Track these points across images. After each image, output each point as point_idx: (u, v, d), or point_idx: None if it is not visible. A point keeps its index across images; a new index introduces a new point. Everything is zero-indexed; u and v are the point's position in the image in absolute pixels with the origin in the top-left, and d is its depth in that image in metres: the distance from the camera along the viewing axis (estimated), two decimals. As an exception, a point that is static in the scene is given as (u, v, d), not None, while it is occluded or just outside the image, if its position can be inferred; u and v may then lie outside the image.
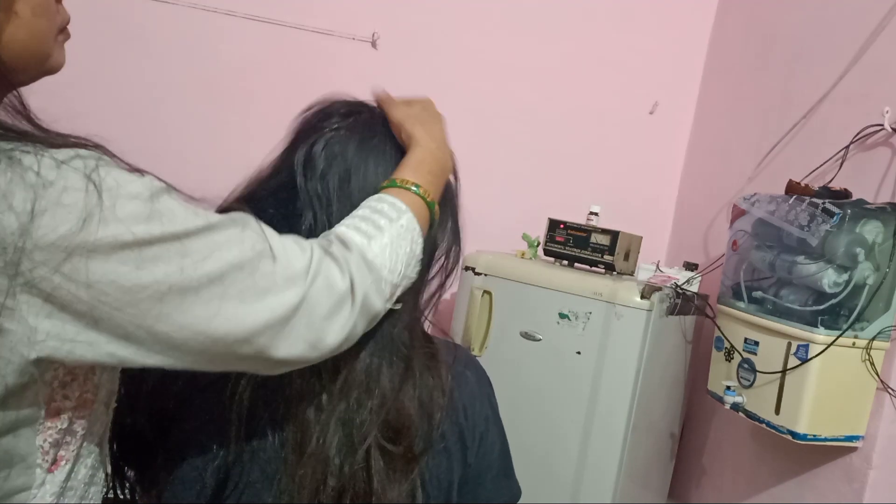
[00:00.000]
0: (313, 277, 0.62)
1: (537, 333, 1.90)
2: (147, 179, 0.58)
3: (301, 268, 0.62)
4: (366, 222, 0.70)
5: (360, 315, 0.66)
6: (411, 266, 0.73)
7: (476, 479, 0.81)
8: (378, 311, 0.69)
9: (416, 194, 0.74)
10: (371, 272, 0.67)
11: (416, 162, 0.77)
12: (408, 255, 0.72)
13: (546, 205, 2.31)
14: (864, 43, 1.72)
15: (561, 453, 1.84)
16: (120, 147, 0.58)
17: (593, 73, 2.44)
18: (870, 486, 1.52)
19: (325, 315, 0.63)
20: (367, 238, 0.69)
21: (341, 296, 0.64)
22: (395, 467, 0.72)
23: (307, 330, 0.62)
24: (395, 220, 0.71)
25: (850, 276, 1.48)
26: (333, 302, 0.63)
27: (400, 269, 0.70)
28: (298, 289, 0.61)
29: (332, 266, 0.64)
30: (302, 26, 2.21)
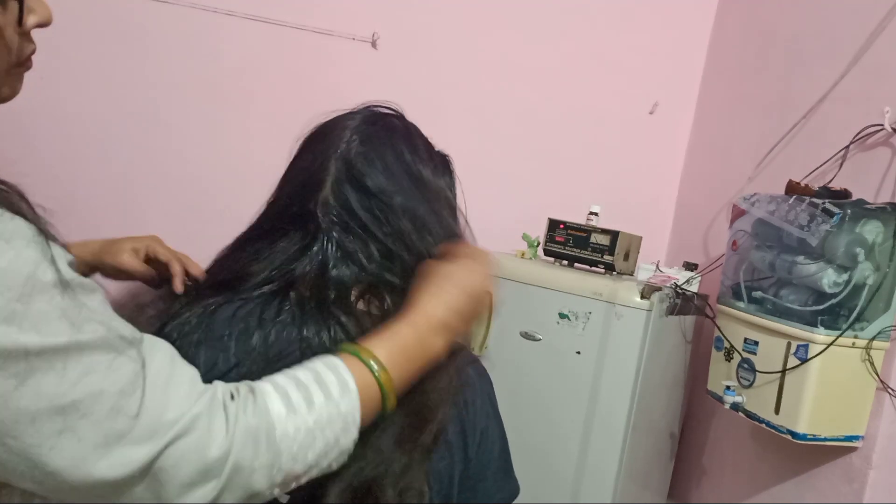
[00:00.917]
0: (178, 436, 0.52)
1: (537, 333, 1.90)
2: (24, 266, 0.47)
3: (170, 419, 0.52)
4: (299, 390, 0.59)
5: (229, 490, 0.55)
6: (329, 457, 0.61)
7: (476, 474, 0.81)
8: (253, 494, 0.57)
9: (374, 379, 0.63)
10: (266, 452, 0.56)
11: (400, 341, 0.66)
12: (328, 445, 0.60)
13: (546, 205, 2.31)
14: (864, 43, 1.72)
15: (561, 453, 1.84)
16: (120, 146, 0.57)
17: (593, 73, 2.44)
18: (870, 486, 1.52)
19: (182, 482, 0.52)
20: (288, 410, 0.58)
21: (208, 465, 0.53)
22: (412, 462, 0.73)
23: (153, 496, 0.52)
24: (335, 400, 0.60)
25: (850, 276, 1.48)
26: (196, 469, 0.53)
27: (309, 459, 0.59)
28: (154, 446, 0.51)
29: (216, 423, 0.54)
30: (302, 26, 2.21)
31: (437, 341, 0.69)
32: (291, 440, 0.57)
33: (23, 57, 0.64)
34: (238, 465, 0.55)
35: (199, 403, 0.54)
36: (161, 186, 2.16)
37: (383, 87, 2.27)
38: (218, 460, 0.54)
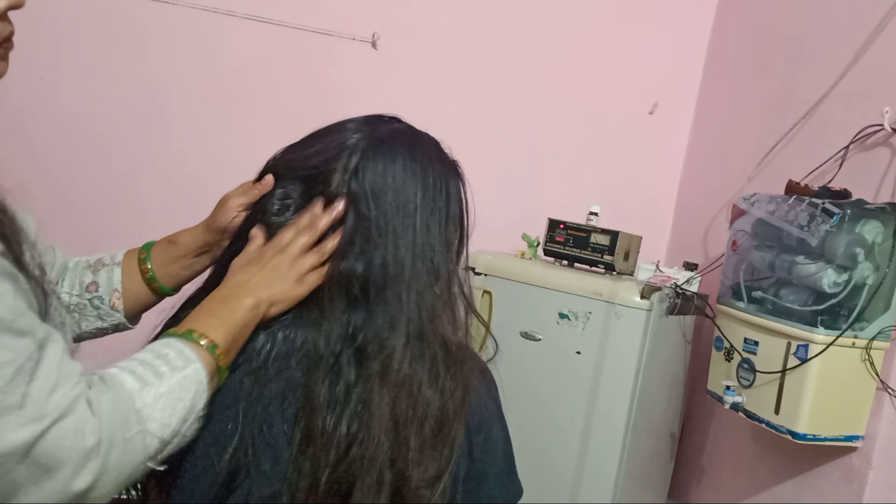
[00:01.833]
0: (61, 416, 0.57)
1: (537, 333, 1.90)
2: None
3: (55, 401, 0.57)
4: (144, 366, 0.64)
5: (110, 469, 0.59)
6: (188, 421, 0.66)
7: (480, 475, 0.82)
8: (135, 466, 0.62)
9: (209, 354, 0.68)
10: (135, 423, 0.61)
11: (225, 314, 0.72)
12: (186, 410, 0.65)
13: (546, 205, 2.31)
14: (864, 43, 1.72)
15: (561, 453, 1.84)
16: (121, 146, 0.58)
17: (593, 73, 2.44)
18: (869, 486, 1.53)
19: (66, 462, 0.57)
20: (140, 383, 0.63)
21: (86, 448, 0.58)
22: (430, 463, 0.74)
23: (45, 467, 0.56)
24: (180, 368, 0.65)
25: (850, 276, 1.48)
26: (77, 453, 0.57)
27: (173, 425, 0.64)
28: (40, 424, 0.56)
29: (86, 413, 0.59)
30: (302, 26, 2.21)
31: (245, 301, 0.74)
32: (152, 407, 0.62)
33: (0, 38, 0.64)
34: (112, 441, 0.59)
35: (74, 389, 0.59)
36: (162, 186, 2.16)
37: (383, 87, 2.29)
38: (94, 443, 0.58)
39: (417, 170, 0.80)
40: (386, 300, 0.76)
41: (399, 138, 0.83)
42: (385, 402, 0.73)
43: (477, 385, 0.81)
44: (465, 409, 0.77)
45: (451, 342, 0.81)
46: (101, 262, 0.90)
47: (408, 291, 0.77)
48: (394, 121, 0.87)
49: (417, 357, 0.76)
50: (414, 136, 0.85)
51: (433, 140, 0.86)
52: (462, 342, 0.83)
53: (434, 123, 0.92)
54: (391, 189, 0.79)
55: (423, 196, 0.80)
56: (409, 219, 0.79)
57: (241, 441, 0.74)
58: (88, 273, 0.90)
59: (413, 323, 0.76)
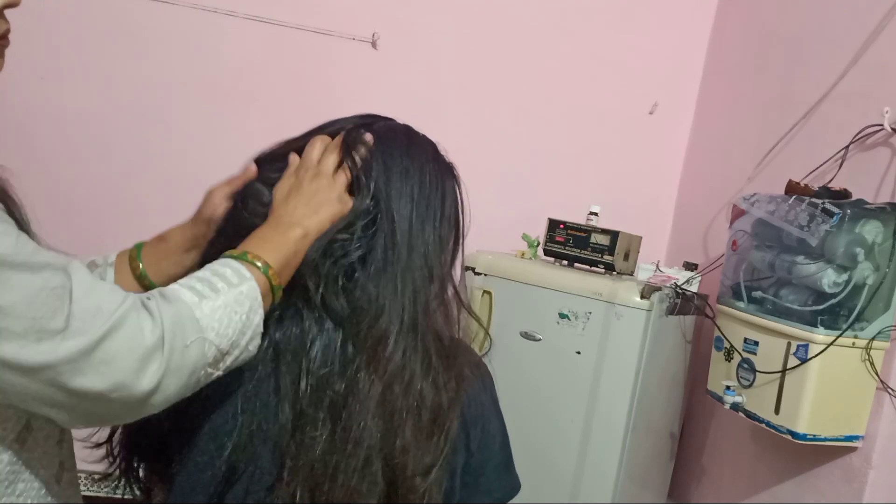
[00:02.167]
0: (114, 327, 0.60)
1: (537, 333, 1.90)
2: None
3: (104, 314, 0.60)
4: (202, 283, 0.68)
5: (172, 372, 0.63)
6: (246, 336, 0.69)
7: (478, 468, 0.83)
8: (195, 370, 0.66)
9: (262, 274, 0.72)
10: (194, 331, 0.65)
11: (277, 240, 0.75)
12: (242, 322, 0.69)
13: (546, 205, 2.31)
14: (864, 43, 1.72)
15: (561, 453, 1.84)
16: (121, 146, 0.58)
17: (593, 73, 2.44)
18: (869, 486, 1.52)
19: (128, 366, 0.61)
20: (198, 297, 0.67)
21: (147, 349, 0.62)
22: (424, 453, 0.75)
23: (106, 373, 0.60)
24: (236, 285, 0.69)
25: (850, 276, 1.48)
26: (138, 355, 0.61)
27: (230, 335, 0.68)
28: (90, 335, 0.59)
29: (142, 319, 0.62)
30: (302, 26, 2.21)
31: (294, 232, 0.77)
32: (209, 318, 0.66)
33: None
34: (172, 346, 0.63)
35: (125, 303, 0.62)
36: (161, 186, 2.16)
37: (383, 87, 2.29)
38: (154, 345, 0.62)
39: (413, 168, 0.82)
40: (379, 290, 0.77)
41: (396, 136, 0.84)
42: (374, 388, 0.74)
43: (472, 378, 0.82)
44: (459, 401, 0.78)
45: (445, 336, 0.82)
46: (94, 263, 0.91)
47: (402, 283, 0.78)
48: (389, 120, 0.88)
49: (410, 348, 0.77)
50: (410, 135, 0.86)
51: (430, 141, 0.87)
52: (456, 337, 0.84)
53: (434, 123, 0.92)
54: (389, 182, 0.80)
55: (418, 194, 0.81)
56: (404, 213, 0.80)
57: (239, 436, 0.75)
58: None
59: (406, 314, 0.77)
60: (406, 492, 0.74)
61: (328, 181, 0.79)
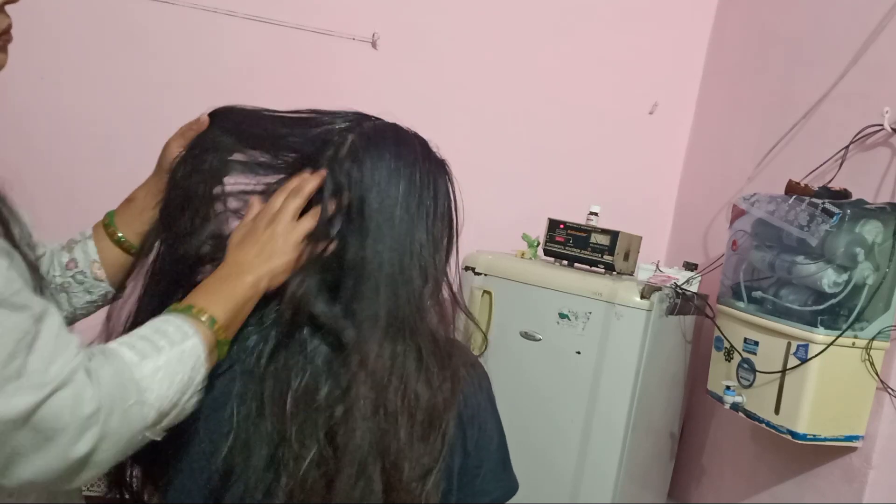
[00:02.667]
0: (60, 386, 0.58)
1: (537, 333, 1.90)
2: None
3: (54, 371, 0.58)
4: (143, 341, 0.67)
5: (109, 435, 0.61)
6: (186, 395, 0.68)
7: (475, 468, 0.82)
8: (133, 435, 0.64)
9: (209, 329, 0.70)
10: (134, 393, 0.63)
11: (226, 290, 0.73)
12: (184, 382, 0.67)
13: (546, 205, 2.31)
14: (864, 43, 1.72)
15: (561, 453, 1.84)
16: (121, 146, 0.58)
17: (593, 73, 2.44)
18: (869, 486, 1.52)
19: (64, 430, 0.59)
20: (140, 356, 0.65)
21: (84, 416, 0.59)
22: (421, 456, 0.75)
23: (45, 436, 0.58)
24: (178, 343, 0.67)
25: (850, 276, 1.48)
26: (77, 420, 0.59)
27: (171, 397, 0.66)
28: (39, 393, 0.57)
29: (84, 383, 0.60)
30: (302, 26, 2.21)
31: (244, 280, 0.75)
32: (151, 379, 0.64)
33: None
34: (112, 408, 0.61)
35: (74, 360, 0.60)
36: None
37: (383, 87, 2.29)
38: (93, 411, 0.60)
39: (403, 167, 0.80)
40: (362, 293, 0.76)
41: (385, 135, 0.83)
42: (365, 392, 0.73)
43: (468, 379, 0.82)
44: (455, 401, 0.78)
45: (440, 337, 0.82)
46: (72, 240, 0.93)
47: (387, 285, 0.77)
48: (377, 120, 0.87)
49: (402, 349, 0.76)
50: (399, 133, 0.85)
51: (420, 138, 0.86)
52: (451, 337, 0.84)
53: (434, 123, 0.92)
54: (375, 185, 0.79)
55: (408, 193, 0.80)
56: (391, 215, 0.78)
57: (235, 440, 0.74)
58: (64, 253, 0.92)
59: (394, 316, 0.76)
60: (403, 494, 0.74)
61: (284, 228, 0.77)
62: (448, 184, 0.85)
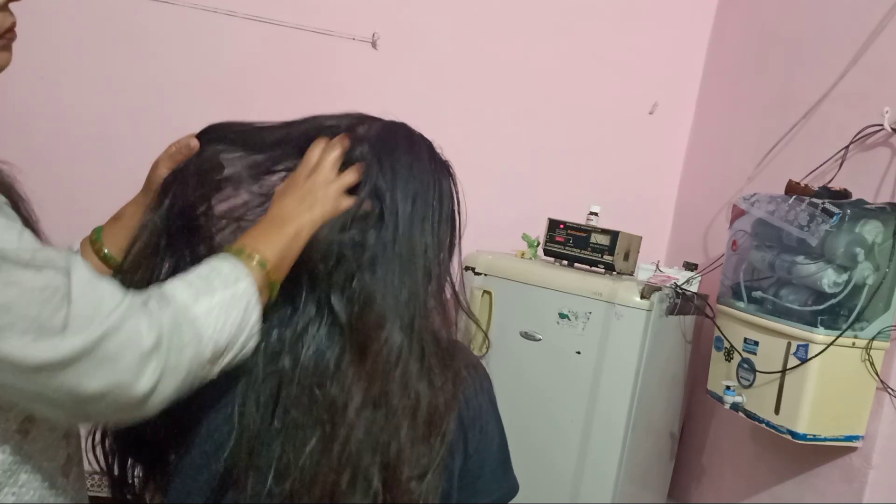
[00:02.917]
0: (112, 329, 0.60)
1: (537, 333, 1.90)
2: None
3: (102, 315, 0.60)
4: (200, 279, 0.69)
5: (169, 371, 0.63)
6: (243, 333, 0.70)
7: (476, 469, 0.82)
8: (191, 370, 0.66)
9: (261, 269, 0.72)
10: (190, 330, 0.65)
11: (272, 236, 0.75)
12: (239, 321, 0.69)
13: (546, 205, 2.31)
14: (864, 43, 1.72)
15: (561, 453, 1.84)
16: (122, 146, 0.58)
17: (593, 73, 2.44)
18: (869, 486, 1.52)
19: (126, 367, 0.60)
20: (195, 295, 0.67)
21: (145, 350, 0.61)
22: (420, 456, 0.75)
23: (104, 373, 0.60)
24: (233, 283, 0.69)
25: (850, 276, 1.48)
26: (137, 356, 0.61)
27: (227, 334, 0.68)
28: (88, 335, 0.58)
29: (140, 320, 0.62)
30: (302, 26, 2.21)
31: (287, 229, 0.76)
32: (206, 317, 0.66)
33: (2, 29, 0.65)
34: (169, 346, 0.63)
35: (122, 304, 0.62)
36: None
37: (383, 87, 2.29)
38: (152, 346, 0.61)
39: (414, 167, 0.81)
40: (376, 289, 0.77)
41: (396, 135, 0.84)
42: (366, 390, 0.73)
43: (469, 380, 0.82)
44: (456, 403, 0.78)
45: (442, 337, 0.82)
46: None
47: (399, 283, 0.77)
48: (381, 120, 0.87)
49: (406, 348, 0.76)
50: (409, 133, 0.86)
51: (425, 139, 0.87)
52: (453, 338, 0.84)
53: (434, 123, 0.92)
54: (392, 181, 0.79)
55: (418, 193, 0.81)
56: (405, 213, 0.79)
57: (237, 440, 0.74)
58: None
59: (402, 314, 0.77)
60: (402, 494, 0.74)
61: (324, 179, 0.79)
62: (452, 185, 0.86)
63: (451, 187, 0.86)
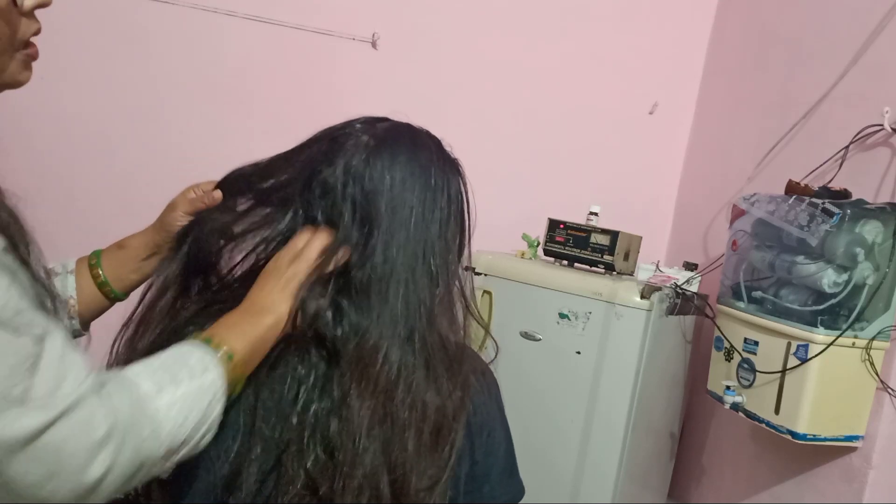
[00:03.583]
0: (69, 409, 0.56)
1: (537, 333, 1.90)
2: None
3: (63, 394, 0.57)
4: (164, 370, 0.65)
5: (119, 466, 0.60)
6: (200, 431, 0.66)
7: (482, 476, 0.82)
8: (143, 466, 0.62)
9: (228, 362, 0.69)
10: (148, 425, 0.61)
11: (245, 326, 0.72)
12: (199, 417, 0.65)
13: (546, 205, 2.31)
14: (864, 43, 1.72)
15: (561, 453, 1.84)
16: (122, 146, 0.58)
17: (593, 73, 2.44)
18: (869, 486, 1.53)
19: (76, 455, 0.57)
20: (157, 387, 0.63)
21: (96, 441, 0.58)
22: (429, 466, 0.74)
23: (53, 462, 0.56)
24: (198, 376, 0.66)
25: (850, 276, 1.48)
26: (87, 444, 0.57)
27: (185, 431, 0.64)
28: (46, 415, 0.55)
29: (95, 406, 0.58)
30: (302, 26, 2.21)
31: (266, 319, 0.74)
32: (167, 411, 0.63)
33: (26, 36, 0.64)
34: (125, 439, 0.59)
35: (84, 384, 0.58)
36: (162, 186, 2.15)
37: (383, 88, 2.29)
38: (105, 434, 0.58)
39: (418, 170, 0.79)
40: (371, 301, 0.75)
41: (400, 137, 0.82)
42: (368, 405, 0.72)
43: (478, 386, 0.80)
44: (464, 410, 0.77)
45: (450, 343, 0.80)
46: (52, 270, 0.88)
47: (397, 292, 0.76)
48: (388, 121, 0.85)
49: (411, 358, 0.75)
50: (414, 134, 0.84)
51: (434, 138, 0.85)
52: (462, 343, 0.83)
53: (434, 123, 0.92)
54: (388, 191, 0.77)
55: (423, 196, 0.79)
56: (404, 220, 0.77)
57: (239, 449, 0.73)
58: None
59: (405, 324, 0.75)
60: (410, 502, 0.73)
61: (307, 266, 0.76)
62: (461, 184, 0.84)
63: (460, 186, 0.83)
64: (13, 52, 0.63)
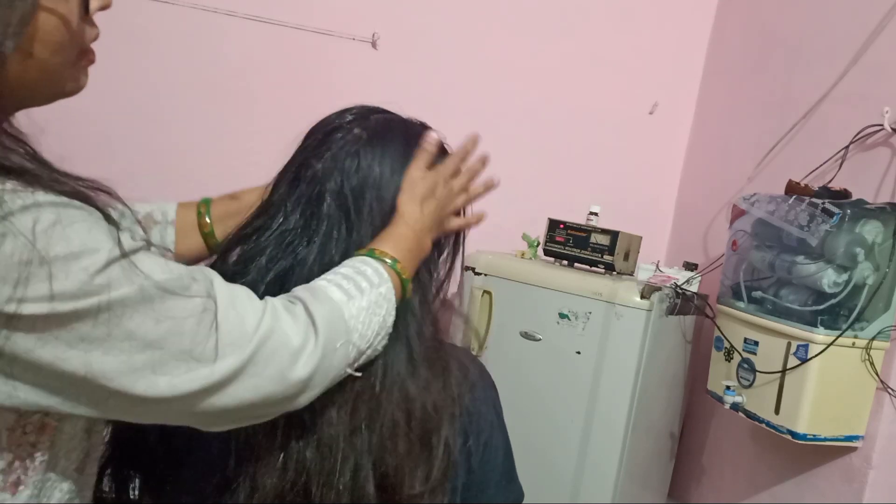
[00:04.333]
0: (262, 340, 0.61)
1: (537, 333, 1.90)
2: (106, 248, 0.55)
3: (248, 332, 0.60)
4: (348, 281, 0.69)
5: (320, 371, 0.64)
6: (380, 336, 0.71)
7: (480, 484, 0.81)
8: (338, 370, 0.67)
9: (392, 269, 0.73)
10: (343, 332, 0.66)
11: (397, 237, 0.76)
12: (380, 324, 0.70)
13: (546, 205, 2.31)
14: (864, 43, 1.72)
15: (561, 453, 1.84)
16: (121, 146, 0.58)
17: (593, 73, 2.44)
18: (869, 486, 1.52)
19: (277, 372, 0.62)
20: (347, 296, 0.68)
21: (295, 349, 0.62)
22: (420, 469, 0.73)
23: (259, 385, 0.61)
24: (376, 286, 0.70)
25: (850, 276, 1.48)
26: (287, 361, 0.62)
27: (369, 337, 0.69)
28: (239, 355, 0.59)
29: (285, 325, 0.63)
30: (302, 26, 2.21)
31: (427, 236, 0.80)
32: (356, 320, 0.67)
33: (87, 44, 0.67)
34: (325, 347, 0.64)
35: (265, 314, 0.62)
36: (162, 186, 2.16)
37: (383, 87, 2.29)
38: (301, 345, 0.63)
39: (407, 163, 0.80)
40: None
41: (391, 128, 0.82)
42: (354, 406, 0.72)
43: (473, 392, 0.80)
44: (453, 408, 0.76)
45: (437, 341, 0.80)
46: (151, 218, 0.88)
47: None
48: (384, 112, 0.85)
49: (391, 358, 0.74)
50: (407, 127, 0.84)
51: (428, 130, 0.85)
52: (451, 343, 0.83)
53: (434, 123, 0.92)
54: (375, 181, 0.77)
55: None
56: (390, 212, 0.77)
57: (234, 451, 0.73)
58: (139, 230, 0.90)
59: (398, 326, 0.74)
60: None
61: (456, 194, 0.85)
62: None
63: None
64: (77, 61, 0.66)
